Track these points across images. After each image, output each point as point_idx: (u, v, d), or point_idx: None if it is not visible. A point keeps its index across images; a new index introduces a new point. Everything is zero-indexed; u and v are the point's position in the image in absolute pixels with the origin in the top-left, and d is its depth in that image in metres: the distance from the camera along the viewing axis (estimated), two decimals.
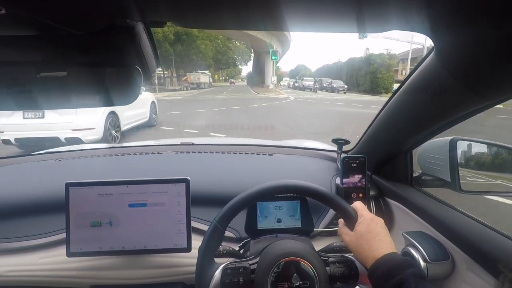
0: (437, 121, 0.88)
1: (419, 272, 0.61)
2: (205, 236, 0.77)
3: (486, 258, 0.72)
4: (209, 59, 45.33)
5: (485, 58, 0.59)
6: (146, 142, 1.88)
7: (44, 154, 1.50)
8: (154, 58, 0.63)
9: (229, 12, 0.53)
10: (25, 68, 0.54)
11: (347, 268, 0.77)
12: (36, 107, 0.62)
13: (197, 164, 1.37)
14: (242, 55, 66.53)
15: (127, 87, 0.59)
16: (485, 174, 1.01)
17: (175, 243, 0.94)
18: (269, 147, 1.60)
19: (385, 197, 1.18)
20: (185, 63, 40.29)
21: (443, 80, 0.71)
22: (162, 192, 0.94)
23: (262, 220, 0.95)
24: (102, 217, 0.93)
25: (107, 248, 0.93)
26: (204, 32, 33.84)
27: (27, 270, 0.98)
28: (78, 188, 0.92)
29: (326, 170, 1.31)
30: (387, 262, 0.64)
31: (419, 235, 0.90)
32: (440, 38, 0.62)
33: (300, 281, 0.71)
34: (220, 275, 0.74)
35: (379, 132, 1.13)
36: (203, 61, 42.70)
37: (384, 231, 0.72)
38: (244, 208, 0.79)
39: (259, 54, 48.52)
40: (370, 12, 0.52)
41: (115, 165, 1.37)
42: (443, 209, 0.92)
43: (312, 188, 0.78)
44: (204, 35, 37.73)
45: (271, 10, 0.51)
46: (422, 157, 1.08)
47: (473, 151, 1.00)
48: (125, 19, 0.52)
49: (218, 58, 53.17)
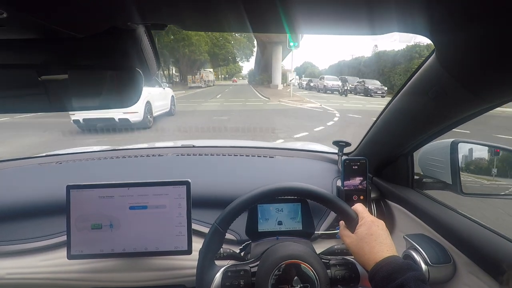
0: (438, 123, 0.88)
1: (420, 275, 0.61)
2: (206, 239, 0.77)
3: (487, 261, 0.72)
4: (203, 53, 38.36)
5: (485, 60, 0.59)
6: (147, 144, 1.89)
7: (45, 157, 1.50)
8: (155, 60, 0.63)
9: (230, 15, 0.53)
10: (26, 71, 0.54)
11: (348, 270, 0.77)
12: (37, 110, 0.61)
13: (197, 166, 1.37)
14: (243, 49, 53.94)
15: (128, 90, 0.59)
16: (486, 176, 1.00)
17: (175, 246, 0.94)
18: (270, 149, 1.60)
19: (386, 199, 1.17)
20: (176, 58, 35.32)
21: (444, 82, 0.71)
22: (163, 194, 0.94)
23: (263, 223, 0.95)
24: (103, 220, 0.92)
25: (108, 251, 0.93)
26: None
27: (27, 272, 0.98)
28: (79, 191, 0.92)
29: (327, 172, 1.30)
30: (388, 265, 0.64)
31: (421, 238, 0.89)
32: (440, 40, 0.62)
33: (301, 284, 0.71)
34: (221, 277, 0.74)
35: (380, 134, 1.13)
36: (196, 56, 36.29)
37: (385, 234, 0.71)
38: (244, 210, 0.79)
39: (264, 46, 38.31)
40: (369, 15, 0.52)
41: (116, 168, 1.37)
42: (445, 211, 0.92)
43: (313, 191, 0.78)
44: None
45: (273, 12, 0.51)
46: (423, 159, 1.08)
47: (474, 153, 1.00)
48: (126, 22, 0.52)
49: (215, 52, 44.89)
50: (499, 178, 1.00)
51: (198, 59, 38.12)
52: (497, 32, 0.51)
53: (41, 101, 0.57)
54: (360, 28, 0.60)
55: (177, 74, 44.75)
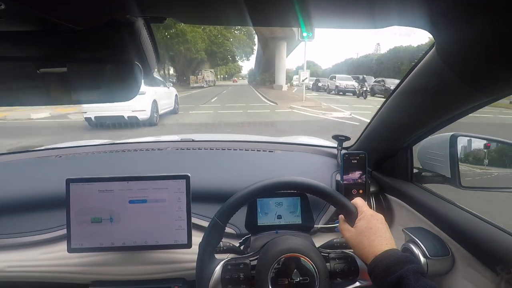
0: (437, 117, 0.88)
1: (419, 268, 0.61)
2: (206, 232, 0.77)
3: (486, 254, 0.72)
4: (200, 51, 34.66)
5: (486, 54, 0.59)
6: (146, 138, 1.88)
7: (45, 150, 1.50)
8: (154, 54, 0.63)
9: (230, 8, 0.52)
10: (25, 63, 0.54)
11: (347, 264, 0.77)
12: (36, 103, 0.61)
13: (197, 161, 1.37)
14: (242, 47, 46.98)
15: (127, 83, 0.59)
16: (485, 169, 1.01)
17: (175, 239, 0.94)
18: (270, 143, 1.60)
19: (385, 193, 1.18)
20: (171, 56, 33.55)
21: (444, 76, 0.71)
22: (163, 188, 0.94)
23: (263, 217, 0.96)
24: (103, 213, 0.93)
25: (108, 244, 0.93)
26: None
27: (28, 266, 0.99)
28: (79, 184, 0.92)
29: (326, 167, 1.31)
30: (387, 258, 0.64)
31: (419, 231, 0.90)
32: (440, 34, 0.61)
33: (300, 277, 0.71)
34: (221, 270, 0.74)
35: (379, 129, 1.13)
36: (193, 54, 33.60)
37: (384, 228, 0.72)
38: (244, 204, 0.79)
39: (266, 42, 33.50)
40: (369, 8, 0.52)
41: (115, 162, 1.37)
42: (443, 205, 0.92)
43: (312, 185, 0.78)
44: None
45: (272, 5, 0.51)
46: (423, 153, 1.08)
47: (473, 147, 1.00)
48: (125, 14, 0.52)
49: (213, 50, 41.20)
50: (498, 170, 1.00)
51: (195, 58, 35.89)
52: (498, 25, 0.50)
53: (40, 94, 0.57)
54: (360, 22, 0.60)
55: (175, 74, 43.32)
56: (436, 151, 1.01)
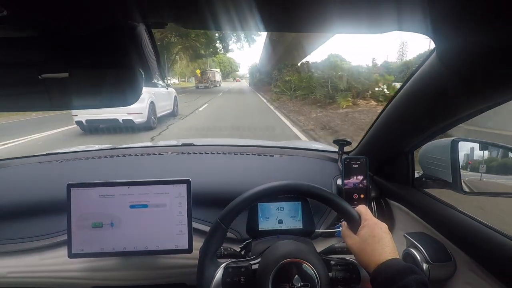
0: (438, 122, 0.88)
1: (422, 279, 0.60)
2: (208, 234, 0.77)
3: (488, 259, 0.72)
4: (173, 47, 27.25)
5: (486, 58, 0.59)
6: (147, 143, 1.88)
7: (46, 156, 1.50)
8: (155, 59, 0.63)
9: (232, 14, 0.53)
10: (26, 69, 0.54)
11: (349, 271, 0.76)
12: (37, 108, 0.61)
13: (198, 165, 1.37)
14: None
15: (128, 88, 0.59)
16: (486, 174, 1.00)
17: (176, 244, 0.94)
18: (270, 148, 1.60)
19: (386, 198, 1.17)
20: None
21: (444, 81, 0.71)
22: (164, 193, 0.94)
23: (264, 221, 0.95)
24: (104, 218, 0.93)
25: (109, 249, 0.93)
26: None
27: (28, 271, 0.98)
28: (80, 189, 0.92)
29: (327, 171, 1.30)
30: (389, 267, 0.64)
31: (421, 236, 0.89)
32: (441, 39, 0.62)
33: (301, 283, 0.71)
34: (222, 273, 0.74)
35: (380, 133, 1.13)
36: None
37: (388, 237, 0.71)
38: (245, 208, 0.79)
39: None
40: (370, 13, 0.52)
41: (116, 166, 1.37)
42: (445, 210, 0.92)
43: (315, 190, 0.78)
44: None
45: (274, 11, 0.51)
46: (424, 158, 1.08)
47: (474, 152, 1.00)
48: (127, 20, 0.52)
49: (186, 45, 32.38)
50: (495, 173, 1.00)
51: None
52: (498, 31, 0.51)
53: (41, 100, 0.57)
54: (361, 27, 0.60)
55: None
56: (437, 156, 1.01)
